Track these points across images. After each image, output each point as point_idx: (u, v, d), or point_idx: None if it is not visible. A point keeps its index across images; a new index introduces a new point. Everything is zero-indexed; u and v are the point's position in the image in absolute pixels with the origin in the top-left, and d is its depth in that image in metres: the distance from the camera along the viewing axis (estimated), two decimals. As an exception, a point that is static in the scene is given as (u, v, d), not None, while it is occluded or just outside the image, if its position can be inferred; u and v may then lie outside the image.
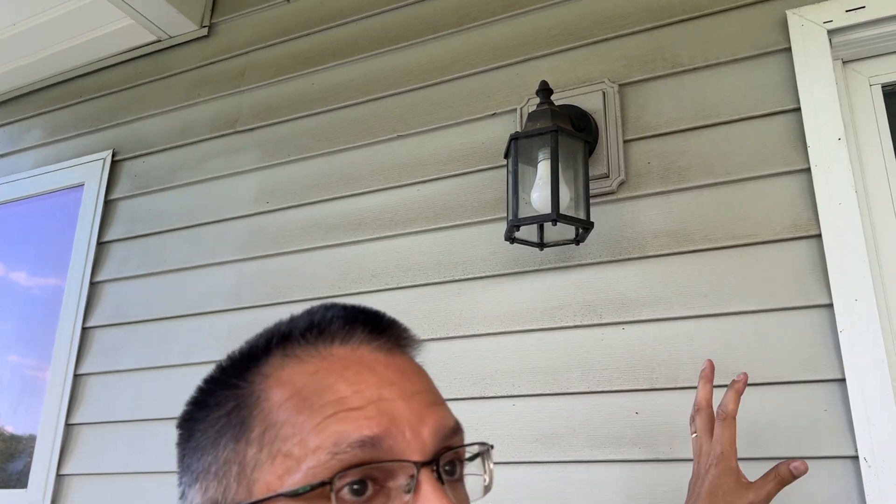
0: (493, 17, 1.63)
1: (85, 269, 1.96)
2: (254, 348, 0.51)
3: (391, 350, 0.55)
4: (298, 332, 0.51)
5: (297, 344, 0.50)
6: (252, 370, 0.50)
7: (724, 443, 0.92)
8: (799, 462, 0.90)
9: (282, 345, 0.51)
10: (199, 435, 0.50)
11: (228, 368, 0.51)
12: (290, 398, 0.47)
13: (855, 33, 1.28)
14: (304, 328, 0.51)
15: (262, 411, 0.47)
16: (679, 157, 1.34)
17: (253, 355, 0.51)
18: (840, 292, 1.14)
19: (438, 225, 1.53)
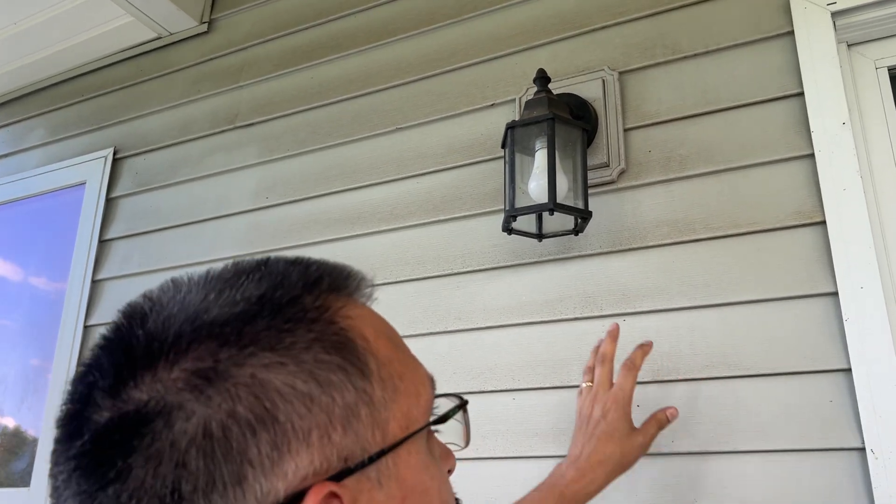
0: (492, 6, 1.60)
1: (87, 267, 1.96)
2: (293, 289, 0.43)
3: None
4: (328, 278, 0.46)
5: (333, 288, 0.46)
6: (315, 307, 0.42)
7: (626, 390, 1.02)
8: (672, 409, 1.04)
9: (325, 286, 0.45)
10: (290, 381, 0.39)
11: (271, 304, 0.41)
12: (379, 335, 0.45)
13: (859, 15, 1.25)
14: (332, 275, 0.46)
15: (369, 348, 0.43)
16: (680, 144, 1.32)
17: (298, 295, 0.43)
18: (845, 280, 1.11)
19: (438, 218, 1.51)
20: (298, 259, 0.46)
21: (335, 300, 0.44)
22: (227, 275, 0.44)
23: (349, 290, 0.47)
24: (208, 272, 0.45)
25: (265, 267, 0.44)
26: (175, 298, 0.42)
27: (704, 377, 1.18)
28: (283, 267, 0.44)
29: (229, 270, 0.44)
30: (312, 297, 0.43)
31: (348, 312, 0.44)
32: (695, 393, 1.18)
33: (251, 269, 0.44)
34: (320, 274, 0.45)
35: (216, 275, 0.44)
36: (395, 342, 0.47)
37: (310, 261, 0.46)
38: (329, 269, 0.46)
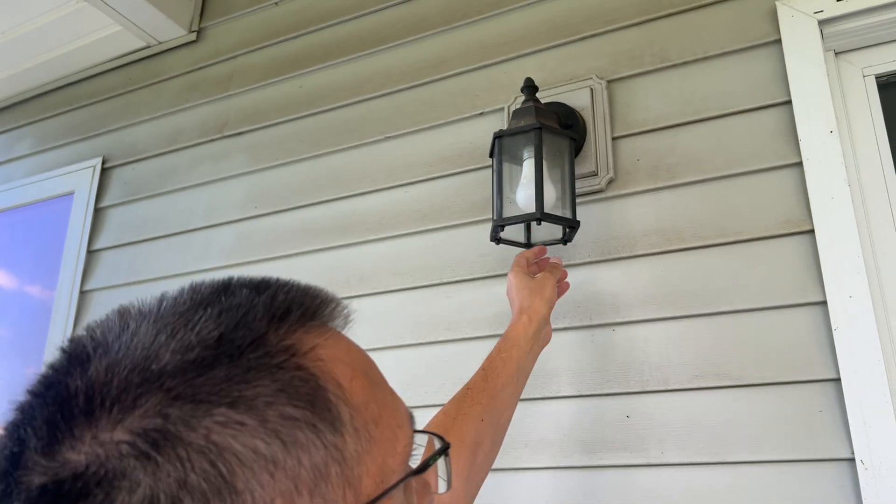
0: (481, 15, 1.60)
1: (75, 277, 1.94)
2: (257, 326, 0.38)
3: None
4: (297, 310, 0.40)
5: (304, 320, 0.41)
6: (281, 349, 0.37)
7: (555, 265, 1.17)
8: (557, 258, 1.21)
9: (295, 318, 0.40)
10: (251, 443, 0.34)
11: (230, 348, 0.36)
12: (355, 374, 0.40)
13: (846, 23, 1.25)
14: (302, 305, 0.41)
15: (342, 394, 0.38)
16: (668, 153, 1.31)
17: (263, 334, 0.37)
18: (834, 289, 1.11)
19: (427, 227, 1.50)
20: (265, 283, 0.41)
21: (305, 337, 0.39)
22: (181, 307, 0.38)
23: (322, 319, 0.42)
24: (161, 301, 0.39)
25: (226, 297, 0.39)
26: (122, 339, 0.36)
27: (694, 387, 1.17)
28: (247, 297, 0.39)
29: (185, 301, 0.39)
30: (278, 336, 0.38)
31: (320, 353, 0.39)
32: (685, 403, 1.17)
33: (210, 298, 0.39)
34: (289, 304, 0.40)
35: (170, 306, 0.39)
36: (373, 379, 0.43)
37: (278, 286, 0.41)
38: (299, 297, 0.41)
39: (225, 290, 0.40)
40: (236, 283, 0.42)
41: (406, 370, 1.42)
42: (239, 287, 0.41)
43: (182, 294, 0.40)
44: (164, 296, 0.40)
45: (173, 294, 0.40)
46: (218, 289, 0.40)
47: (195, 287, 0.41)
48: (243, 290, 0.40)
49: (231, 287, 0.41)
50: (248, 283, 0.41)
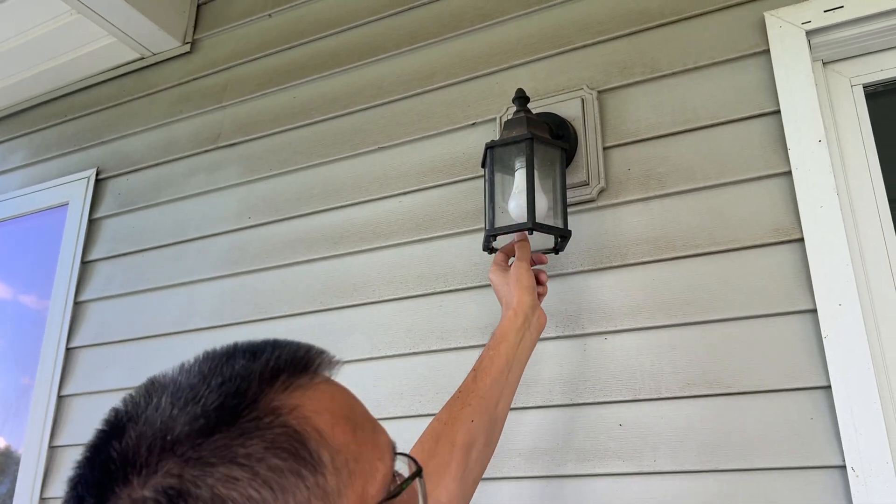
0: (472, 26, 1.61)
1: (69, 288, 1.94)
2: (244, 389, 0.45)
3: None
4: (286, 371, 0.48)
5: (293, 379, 0.48)
6: (269, 411, 0.45)
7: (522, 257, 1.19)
8: (521, 235, 1.22)
9: (284, 377, 0.47)
10: (247, 492, 0.42)
11: (227, 416, 0.44)
12: (336, 421, 0.47)
13: (834, 33, 1.26)
14: (291, 365, 0.49)
15: (322, 440, 0.45)
16: (659, 163, 1.32)
17: (255, 399, 0.45)
18: (824, 297, 1.11)
19: (420, 237, 1.51)
20: (261, 349, 0.49)
21: (291, 397, 0.46)
22: (193, 379, 0.46)
23: (311, 372, 0.49)
24: (180, 371, 0.48)
25: (227, 366, 0.47)
26: (147, 411, 0.45)
27: (686, 395, 1.18)
28: (244, 367, 0.46)
29: (196, 373, 0.47)
30: (268, 399, 0.45)
31: (303, 410, 0.46)
32: (677, 411, 1.18)
33: (215, 369, 0.47)
34: (279, 368, 0.47)
35: (185, 379, 0.46)
36: (354, 420, 0.49)
37: (272, 352, 0.48)
38: (288, 358, 0.48)
39: (228, 360, 0.48)
40: (239, 350, 0.49)
41: (400, 379, 1.42)
42: (240, 354, 0.48)
43: (195, 365, 0.48)
44: (182, 366, 0.48)
45: (189, 364, 0.48)
46: (222, 359, 0.48)
47: (206, 356, 0.49)
48: (242, 359, 0.48)
49: (234, 356, 0.48)
50: (247, 350, 0.49)
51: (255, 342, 0.50)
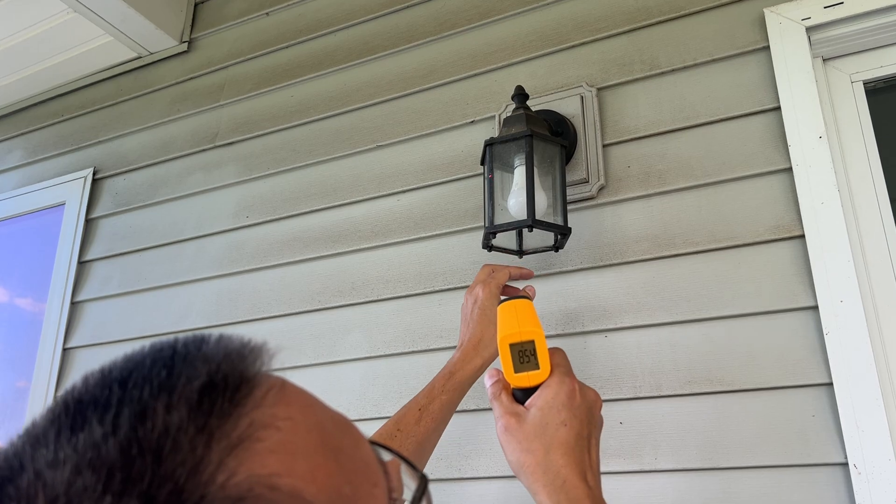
0: (470, 24, 1.61)
1: (66, 289, 1.93)
2: (181, 462, 0.29)
3: None
4: (218, 408, 0.32)
5: (225, 423, 0.31)
6: (217, 496, 0.29)
7: (497, 278, 1.10)
8: (530, 287, 1.16)
9: (214, 428, 0.31)
10: None
11: None
12: (316, 462, 0.34)
13: (834, 30, 1.26)
14: (216, 398, 0.32)
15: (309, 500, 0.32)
16: (659, 159, 1.32)
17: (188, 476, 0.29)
18: (825, 294, 1.11)
19: (419, 235, 1.50)
20: (158, 368, 0.33)
21: (239, 453, 0.31)
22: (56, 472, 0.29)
23: (253, 385, 0.34)
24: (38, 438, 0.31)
25: (102, 437, 0.29)
26: None
27: (687, 393, 1.17)
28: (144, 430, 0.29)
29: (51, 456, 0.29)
30: (205, 475, 0.29)
31: (268, 473, 0.31)
32: (678, 409, 1.17)
33: (89, 440, 0.29)
34: (206, 402, 0.31)
35: (43, 460, 0.29)
36: (331, 444, 0.35)
37: (185, 367, 0.33)
38: (217, 377, 0.33)
39: (102, 411, 0.31)
40: (120, 384, 0.32)
41: (399, 378, 1.42)
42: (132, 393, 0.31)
43: (51, 427, 0.31)
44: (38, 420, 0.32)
45: (44, 417, 0.32)
46: (93, 412, 0.31)
47: (68, 403, 0.32)
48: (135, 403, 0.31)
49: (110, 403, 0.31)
50: (140, 380, 0.32)
51: (136, 363, 0.34)
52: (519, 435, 0.70)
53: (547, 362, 0.75)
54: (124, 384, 0.32)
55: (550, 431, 0.70)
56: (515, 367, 0.74)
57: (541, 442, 0.69)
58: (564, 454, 0.68)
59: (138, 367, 0.33)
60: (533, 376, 0.74)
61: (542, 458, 0.68)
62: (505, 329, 0.76)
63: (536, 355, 0.75)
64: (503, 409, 0.73)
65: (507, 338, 0.75)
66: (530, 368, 0.74)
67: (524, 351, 0.75)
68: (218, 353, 0.34)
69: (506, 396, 0.75)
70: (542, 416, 0.71)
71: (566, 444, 0.69)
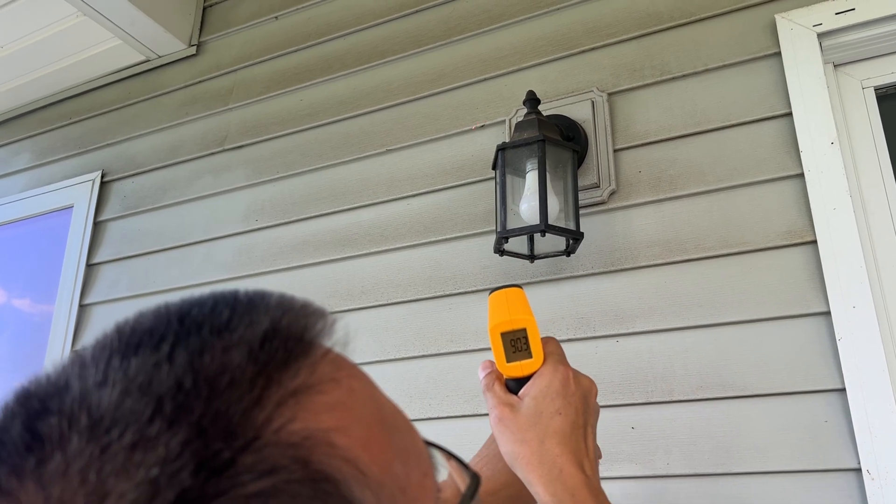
0: (480, 29, 1.61)
1: (74, 291, 1.94)
2: (217, 416, 0.26)
3: None
4: (280, 356, 0.30)
5: (283, 374, 0.29)
6: (263, 449, 0.26)
7: None
8: None
9: (271, 381, 0.29)
10: None
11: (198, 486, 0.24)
12: (371, 434, 0.31)
13: (845, 36, 1.26)
14: (278, 346, 0.30)
15: (359, 474, 0.29)
16: (670, 165, 1.32)
17: (231, 429, 0.26)
18: (837, 299, 1.11)
19: (429, 239, 1.51)
20: (219, 314, 0.31)
21: (296, 409, 0.29)
22: (115, 405, 0.26)
23: (311, 350, 0.32)
24: (87, 379, 0.28)
25: (168, 369, 0.28)
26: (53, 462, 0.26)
27: (699, 398, 1.17)
28: (210, 365, 0.28)
29: (115, 390, 0.27)
30: (259, 424, 0.27)
31: (323, 436, 0.29)
32: (690, 414, 1.17)
33: (150, 377, 0.27)
34: (266, 351, 0.30)
35: (100, 400, 0.27)
36: (386, 421, 0.34)
37: (244, 317, 0.31)
38: (277, 329, 0.31)
39: (173, 347, 0.29)
40: (178, 321, 0.31)
41: (409, 382, 1.42)
42: (186, 333, 0.30)
43: (109, 362, 0.29)
44: (83, 361, 0.30)
45: (97, 359, 0.29)
46: (155, 348, 0.29)
47: (120, 336, 0.31)
48: (194, 342, 0.29)
49: (174, 337, 0.30)
50: (196, 322, 0.31)
51: (197, 302, 0.33)
52: (513, 425, 0.68)
53: (540, 350, 0.72)
54: (182, 320, 0.31)
55: (545, 420, 0.68)
56: (507, 357, 0.72)
57: (535, 432, 0.67)
58: (560, 443, 0.66)
59: (198, 305, 0.32)
60: (525, 365, 0.72)
61: (537, 448, 0.66)
62: (496, 318, 0.73)
63: (529, 344, 0.72)
64: (496, 400, 0.71)
65: (498, 326, 0.72)
66: (523, 357, 0.72)
67: (516, 339, 0.73)
68: (282, 304, 0.33)
69: (499, 387, 0.73)
70: (535, 406, 0.69)
71: (561, 432, 0.67)
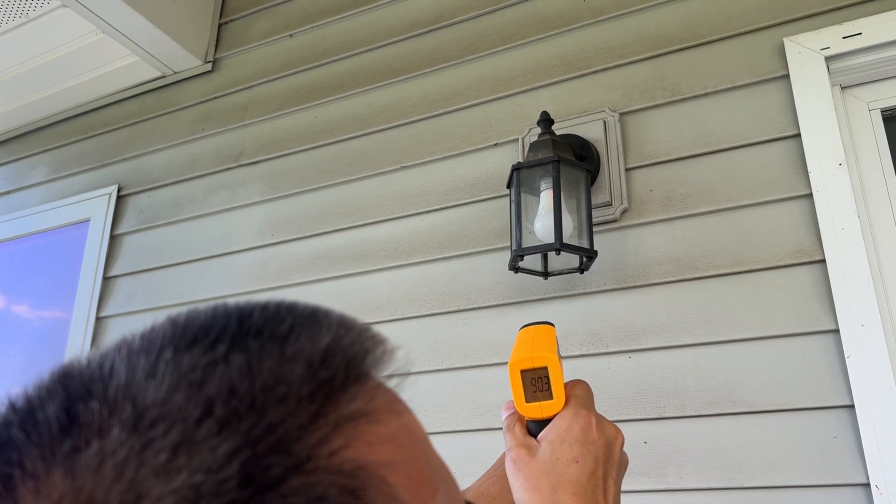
0: (494, 48, 1.65)
1: (91, 304, 1.97)
2: (272, 428, 0.25)
3: None
4: (339, 376, 0.28)
5: (338, 397, 0.28)
6: (316, 470, 0.25)
7: None
8: None
9: (329, 401, 0.27)
10: None
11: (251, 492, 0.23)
12: (420, 481, 0.29)
13: (852, 59, 1.29)
14: (339, 365, 0.28)
15: None
16: (681, 184, 1.35)
17: (286, 444, 0.25)
18: (846, 318, 1.14)
19: (443, 255, 1.54)
20: (280, 325, 0.29)
21: (348, 435, 0.27)
22: (169, 399, 0.25)
23: (365, 380, 0.30)
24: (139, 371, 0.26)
25: (225, 373, 0.26)
26: None
27: (710, 413, 1.20)
28: (269, 372, 0.26)
29: (168, 386, 0.25)
30: (313, 444, 0.25)
31: (372, 468, 0.27)
32: (702, 429, 1.20)
33: (204, 376, 0.26)
34: (326, 369, 0.28)
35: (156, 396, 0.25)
36: (434, 473, 0.31)
37: (303, 331, 0.29)
38: (338, 351, 0.29)
39: (229, 349, 0.27)
40: (237, 325, 0.29)
41: (424, 396, 1.44)
42: (244, 338, 0.28)
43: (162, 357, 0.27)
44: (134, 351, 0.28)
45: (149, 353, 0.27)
46: (209, 350, 0.27)
47: (175, 333, 0.28)
48: (252, 348, 0.27)
49: (232, 341, 0.28)
50: (256, 328, 0.29)
51: (260, 306, 0.30)
52: (526, 470, 0.64)
53: (562, 392, 0.68)
54: (241, 321, 0.29)
55: (560, 468, 0.63)
56: (527, 397, 0.68)
57: (549, 479, 0.63)
58: (574, 494, 0.62)
59: (260, 308, 0.30)
60: (545, 407, 0.67)
61: (549, 497, 0.62)
62: (517, 354, 0.70)
63: (550, 384, 0.68)
64: (514, 441, 0.67)
65: (518, 363, 0.69)
66: (543, 398, 0.68)
67: (537, 379, 0.68)
68: (343, 323, 0.31)
69: (519, 428, 0.68)
70: (552, 451, 0.64)
71: (577, 482, 0.62)
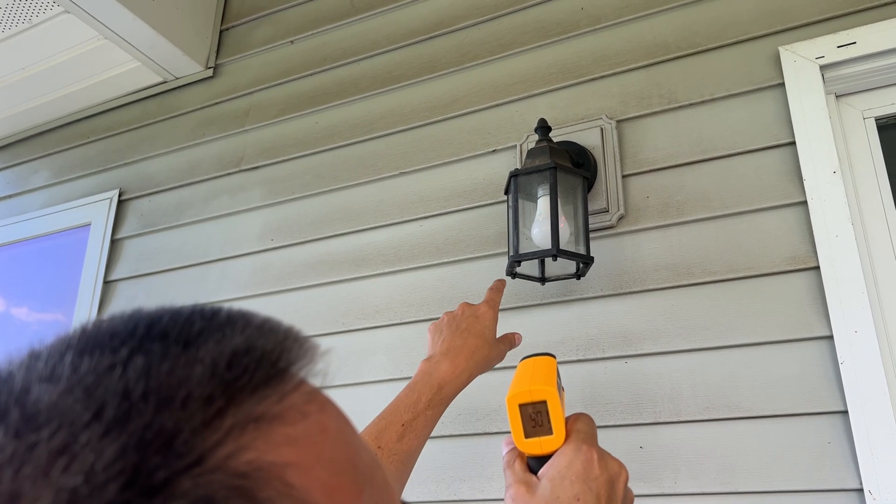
0: (492, 56, 1.66)
1: (91, 308, 1.98)
2: (163, 430, 0.24)
3: None
4: (246, 378, 0.27)
5: (248, 395, 0.27)
6: (213, 472, 0.24)
7: (496, 301, 1.13)
8: (518, 334, 1.16)
9: (231, 404, 0.26)
10: None
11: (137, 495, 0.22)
12: (340, 481, 0.28)
13: (847, 68, 1.31)
14: (247, 367, 0.28)
15: None
16: (677, 191, 1.36)
17: (179, 447, 0.24)
18: (840, 324, 1.15)
19: (441, 260, 1.55)
20: (190, 328, 0.29)
21: (257, 439, 0.26)
22: (63, 398, 0.25)
23: (284, 379, 0.29)
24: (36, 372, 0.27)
25: (130, 376, 0.26)
26: None
27: (705, 419, 1.21)
28: (165, 376, 0.26)
29: (66, 385, 0.25)
30: (211, 447, 0.25)
31: (285, 471, 0.26)
32: (697, 434, 1.21)
33: (102, 378, 0.26)
34: (231, 372, 0.27)
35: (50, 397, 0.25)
36: (358, 469, 0.30)
37: (214, 333, 0.29)
38: (249, 352, 0.28)
39: (130, 354, 0.27)
40: (146, 329, 0.29)
41: (422, 401, 1.45)
42: (151, 342, 0.28)
43: (62, 358, 0.27)
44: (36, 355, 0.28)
45: (50, 354, 0.28)
46: (115, 352, 0.27)
47: (84, 336, 0.29)
48: (156, 353, 0.27)
49: (136, 345, 0.27)
50: (163, 332, 0.28)
51: (173, 311, 0.30)
52: None
53: (562, 426, 0.65)
54: (151, 326, 0.29)
55: None
56: (526, 432, 0.66)
57: None
58: None
59: (174, 314, 0.30)
60: (545, 442, 0.65)
61: None
62: (515, 387, 0.67)
63: (550, 419, 0.66)
64: (514, 478, 0.65)
65: (515, 397, 0.66)
66: (542, 434, 0.65)
67: (536, 413, 0.66)
68: (263, 326, 0.31)
69: (519, 464, 0.66)
70: (552, 489, 0.62)
71: None
